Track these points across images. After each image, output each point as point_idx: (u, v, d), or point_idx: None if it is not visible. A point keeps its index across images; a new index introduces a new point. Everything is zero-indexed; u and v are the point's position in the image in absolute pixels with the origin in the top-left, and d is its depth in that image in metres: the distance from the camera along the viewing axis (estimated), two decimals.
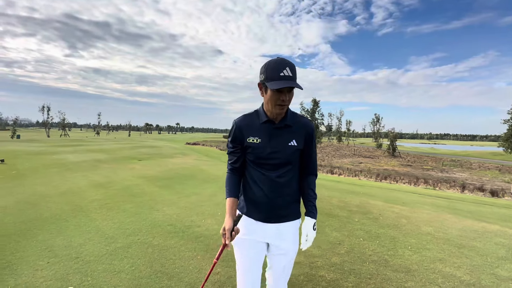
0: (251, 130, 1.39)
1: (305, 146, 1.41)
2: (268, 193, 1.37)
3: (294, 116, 1.39)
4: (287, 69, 1.22)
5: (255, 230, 1.40)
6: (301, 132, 1.39)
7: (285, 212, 1.40)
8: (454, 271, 2.62)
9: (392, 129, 40.90)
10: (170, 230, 3.50)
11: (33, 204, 4.49)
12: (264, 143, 1.36)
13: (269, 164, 1.37)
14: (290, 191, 1.40)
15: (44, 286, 2.20)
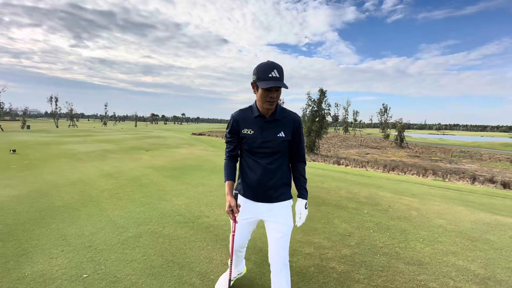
0: (246, 122, 1.63)
1: (293, 137, 1.64)
2: (260, 178, 1.62)
3: (282, 111, 1.63)
4: (275, 71, 1.44)
5: (250, 208, 1.69)
6: (289, 125, 1.61)
7: (276, 194, 1.65)
8: (468, 265, 2.58)
9: (400, 120, 40.22)
10: (179, 220, 3.53)
11: (45, 193, 4.57)
12: (256, 134, 1.60)
13: (261, 152, 1.61)
14: (280, 176, 1.64)
15: (59, 274, 2.25)
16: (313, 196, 4.95)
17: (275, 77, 1.43)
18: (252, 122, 1.61)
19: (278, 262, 1.62)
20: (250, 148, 1.63)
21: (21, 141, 14.16)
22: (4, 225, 3.19)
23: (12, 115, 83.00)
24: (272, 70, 1.43)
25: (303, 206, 1.65)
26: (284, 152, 1.64)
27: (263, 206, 1.66)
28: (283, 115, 1.61)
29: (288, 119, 1.61)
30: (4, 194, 4.44)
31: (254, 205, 1.68)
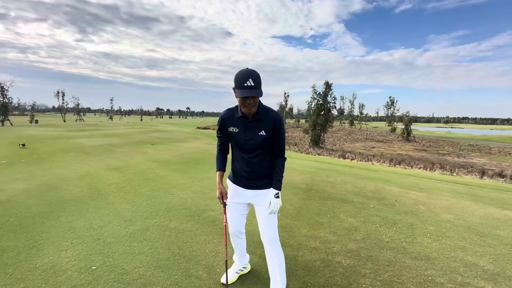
0: (232, 121, 1.80)
1: (273, 134, 1.77)
2: (245, 169, 1.84)
3: (264, 111, 1.74)
4: (250, 80, 1.52)
5: (238, 194, 1.92)
6: (269, 124, 1.74)
7: (259, 183, 1.85)
8: (477, 260, 2.55)
9: (407, 113, 39.58)
10: (185, 213, 3.56)
11: (54, 187, 4.66)
12: (240, 132, 1.78)
13: (244, 148, 1.80)
14: (262, 168, 1.83)
15: (69, 266, 2.30)
16: (318, 190, 4.94)
17: (250, 86, 1.52)
18: (237, 121, 1.77)
19: (266, 239, 1.84)
20: (236, 143, 1.84)
21: (30, 135, 14.41)
22: (15, 218, 3.27)
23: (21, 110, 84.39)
24: (247, 79, 1.52)
25: (273, 195, 1.78)
26: (265, 148, 1.80)
27: (249, 192, 1.89)
28: (264, 115, 1.73)
29: (268, 118, 1.74)
30: (15, 187, 4.54)
31: (242, 191, 1.91)
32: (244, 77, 1.53)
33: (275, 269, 1.81)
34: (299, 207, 3.96)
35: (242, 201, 1.93)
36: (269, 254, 1.83)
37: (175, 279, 2.16)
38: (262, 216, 1.84)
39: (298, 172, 6.58)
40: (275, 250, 1.82)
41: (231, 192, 1.96)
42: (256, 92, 1.54)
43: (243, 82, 1.52)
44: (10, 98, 30.35)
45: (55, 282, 2.07)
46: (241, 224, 2.02)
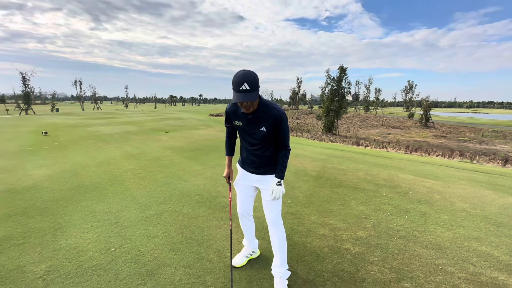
0: (236, 115, 1.89)
1: (274, 130, 1.81)
2: (249, 158, 1.99)
3: (265, 107, 1.76)
4: (245, 84, 1.56)
5: (246, 177, 2.06)
6: (269, 120, 1.77)
7: (263, 170, 1.96)
8: (491, 250, 2.49)
9: (427, 97, 37.80)
10: (198, 199, 3.67)
11: (75, 172, 4.91)
12: (244, 126, 1.87)
13: (248, 141, 1.93)
14: (264, 158, 1.93)
15: (90, 247, 2.46)
16: (330, 178, 4.91)
17: (245, 90, 1.57)
18: (240, 116, 1.86)
19: (269, 221, 1.99)
20: (241, 135, 1.98)
21: (52, 123, 15.07)
22: (41, 202, 3.50)
23: (42, 99, 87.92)
24: (243, 83, 1.56)
25: (275, 183, 1.87)
26: (267, 142, 1.87)
27: (255, 176, 2.01)
28: (264, 111, 1.77)
29: (269, 115, 1.76)
30: (39, 173, 4.82)
31: (249, 175, 2.04)
32: (240, 81, 1.56)
33: (275, 247, 1.98)
34: (309, 194, 3.97)
35: (249, 183, 2.06)
36: (271, 234, 1.99)
37: (187, 261, 2.27)
38: (266, 200, 1.97)
39: (310, 160, 6.55)
40: (277, 230, 1.96)
41: (239, 175, 2.10)
42: (250, 96, 1.58)
43: (239, 86, 1.57)
44: (31, 88, 31.59)
45: (77, 262, 2.24)
46: (249, 205, 2.13)
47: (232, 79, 1.62)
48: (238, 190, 2.12)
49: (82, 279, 2.03)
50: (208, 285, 1.99)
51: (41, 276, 2.05)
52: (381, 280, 2.05)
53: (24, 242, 2.53)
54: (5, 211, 3.19)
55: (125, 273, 2.10)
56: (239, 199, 2.13)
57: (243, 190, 2.10)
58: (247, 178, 2.06)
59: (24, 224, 2.87)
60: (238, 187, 2.12)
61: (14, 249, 2.41)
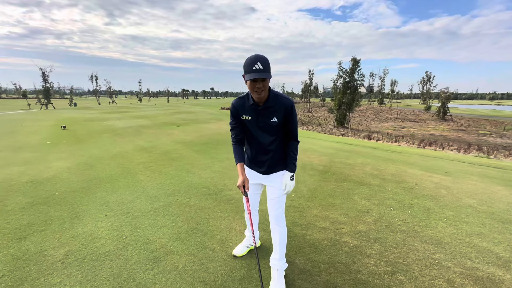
0: (244, 110, 1.84)
1: (285, 120, 1.82)
2: (258, 155, 1.93)
3: (275, 97, 1.77)
4: (259, 64, 1.56)
5: (252, 175, 2.03)
6: (281, 110, 1.78)
7: (272, 167, 1.94)
8: (492, 247, 2.48)
9: (446, 89, 36.23)
10: (205, 192, 3.82)
11: (91, 165, 5.19)
12: (253, 120, 1.83)
13: (259, 135, 1.86)
14: (275, 153, 1.90)
15: (104, 234, 2.66)
16: (335, 172, 4.94)
17: (258, 69, 1.56)
18: (248, 109, 1.82)
19: (272, 217, 2.00)
20: (250, 131, 1.90)
21: (70, 118, 15.73)
22: (60, 192, 3.76)
23: (61, 93, 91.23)
24: (255, 63, 1.56)
25: (289, 177, 1.86)
26: (278, 134, 1.86)
27: (263, 176, 1.99)
28: (275, 102, 1.76)
29: (280, 105, 1.77)
30: (59, 165, 5.13)
31: (255, 173, 2.02)
32: (253, 61, 1.57)
33: (276, 242, 2.01)
34: (314, 188, 4.03)
35: (255, 181, 2.04)
36: (273, 229, 2.02)
37: (192, 250, 2.42)
38: (272, 197, 1.97)
39: (317, 154, 6.56)
40: (279, 226, 1.99)
41: (247, 174, 2.05)
42: (264, 74, 1.57)
43: (252, 65, 1.57)
44: (51, 83, 32.86)
45: (92, 247, 2.43)
46: (255, 203, 2.18)
47: (243, 64, 1.62)
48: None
49: (96, 263, 2.22)
50: (210, 272, 2.12)
51: (60, 259, 2.26)
52: (376, 272, 2.11)
53: (45, 229, 2.76)
54: (29, 200, 3.47)
55: (134, 259, 2.28)
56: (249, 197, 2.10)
57: (250, 189, 2.06)
58: (253, 176, 2.03)
59: (45, 213, 3.12)
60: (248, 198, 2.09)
61: (36, 235, 2.64)
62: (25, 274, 2.08)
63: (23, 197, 3.59)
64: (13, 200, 3.49)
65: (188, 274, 2.09)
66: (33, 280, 2.01)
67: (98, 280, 2.02)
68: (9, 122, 13.02)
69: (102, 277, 2.05)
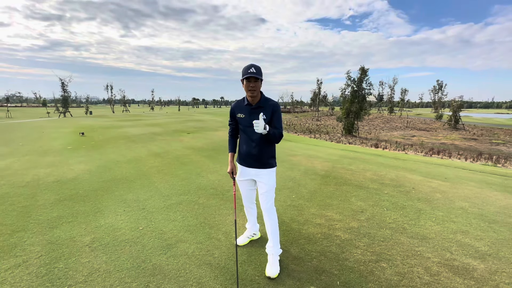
0: (239, 109, 2.26)
1: (271, 117, 2.18)
2: (250, 149, 2.25)
3: (265, 100, 2.20)
4: (252, 68, 2.03)
5: (244, 172, 2.35)
6: (269, 110, 2.17)
7: (261, 162, 2.25)
8: (474, 242, 2.69)
9: (459, 97, 35.66)
10: (212, 192, 4.16)
11: (109, 168, 5.64)
12: (246, 118, 2.20)
13: (250, 131, 2.18)
14: (265, 149, 2.23)
15: (123, 226, 3.02)
16: (336, 176, 5.19)
17: (252, 72, 2.02)
18: (243, 109, 2.22)
19: (263, 209, 2.31)
20: (243, 127, 2.25)
21: (87, 125, 16.58)
22: (83, 191, 4.19)
23: (78, 102, 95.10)
24: (250, 68, 2.03)
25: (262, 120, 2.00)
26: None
27: (252, 171, 2.30)
28: (265, 103, 2.18)
29: (268, 105, 2.17)
30: (80, 168, 5.61)
31: (246, 170, 2.33)
32: (248, 67, 2.05)
33: (269, 231, 2.31)
34: (314, 190, 4.31)
35: (247, 178, 2.36)
36: (265, 220, 2.33)
37: (200, 239, 2.74)
38: (262, 191, 2.30)
39: (321, 160, 6.82)
40: (270, 218, 2.30)
41: (239, 172, 2.39)
42: (256, 74, 2.03)
43: (247, 69, 2.04)
44: (69, 92, 34.60)
45: (114, 236, 2.80)
46: (250, 197, 2.51)
47: (242, 71, 2.09)
48: (240, 186, 2.44)
49: (118, 248, 2.57)
50: (215, 257, 2.44)
51: (87, 244, 2.63)
52: (361, 260, 2.37)
53: (72, 220, 3.16)
54: (56, 197, 3.90)
55: (150, 245, 2.62)
56: (242, 193, 2.47)
57: (244, 185, 2.41)
58: (245, 173, 2.34)
59: (71, 207, 3.53)
60: (240, 184, 2.43)
61: (66, 225, 3.03)
62: (59, 254, 2.45)
63: (51, 194, 4.03)
64: (42, 196, 3.93)
65: (197, 258, 2.41)
66: (66, 260, 2.38)
67: (120, 260, 2.37)
68: (31, 129, 13.89)
69: (123, 258, 2.40)
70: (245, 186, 2.42)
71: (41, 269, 2.24)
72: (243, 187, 2.44)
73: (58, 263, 2.32)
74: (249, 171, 2.32)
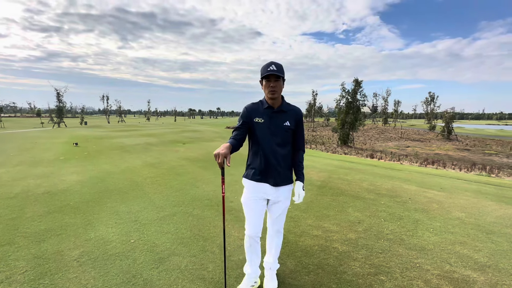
0: (257, 112, 1.90)
1: (296, 126, 1.93)
2: (268, 162, 1.89)
3: (288, 105, 1.94)
4: (273, 66, 1.77)
5: (257, 189, 1.93)
6: (293, 116, 1.91)
7: (281, 178, 1.92)
8: (472, 254, 2.65)
9: (451, 109, 36.41)
10: (207, 203, 4.08)
11: (102, 179, 5.52)
12: (265, 123, 1.88)
13: (270, 139, 1.87)
14: (285, 161, 1.93)
15: (114, 238, 2.92)
16: (332, 187, 5.15)
17: (272, 70, 1.77)
18: (262, 113, 1.88)
19: (273, 231, 2.08)
20: (261, 134, 1.87)
21: (81, 135, 16.39)
22: (74, 202, 4.07)
23: (73, 112, 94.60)
24: (270, 66, 1.78)
25: (301, 188, 1.94)
26: (288, 141, 1.92)
27: (269, 188, 1.92)
28: (288, 108, 1.91)
29: (292, 111, 1.91)
30: (72, 179, 5.49)
31: (262, 186, 1.92)
32: (268, 64, 1.80)
33: (272, 248, 2.12)
34: (310, 201, 4.25)
35: (260, 197, 1.93)
36: (271, 238, 2.12)
37: (194, 252, 2.65)
38: (276, 212, 1.99)
39: (317, 170, 6.80)
40: (277, 238, 2.11)
41: (250, 189, 1.95)
42: (277, 72, 1.76)
43: (267, 68, 1.78)
44: (64, 102, 34.39)
45: (104, 249, 2.69)
46: (259, 224, 1.97)
47: (260, 69, 1.83)
48: (250, 208, 1.94)
49: (107, 262, 2.47)
50: (209, 270, 2.35)
51: (76, 259, 2.52)
52: (360, 273, 2.31)
53: (61, 233, 3.04)
54: (45, 209, 3.77)
55: (141, 259, 2.52)
56: (251, 218, 1.94)
57: (256, 206, 1.93)
58: (261, 189, 1.91)
59: (61, 219, 3.41)
60: (249, 204, 1.94)
61: (54, 238, 2.92)
62: (45, 270, 2.34)
63: (40, 206, 3.91)
64: (31, 208, 3.81)
65: (190, 272, 2.32)
66: (52, 275, 2.27)
67: (109, 275, 2.27)
68: (24, 139, 13.67)
69: (112, 273, 2.30)
70: (257, 207, 1.94)
71: (25, 285, 2.13)
72: (255, 209, 1.94)
73: (44, 279, 2.21)
74: (266, 189, 1.93)
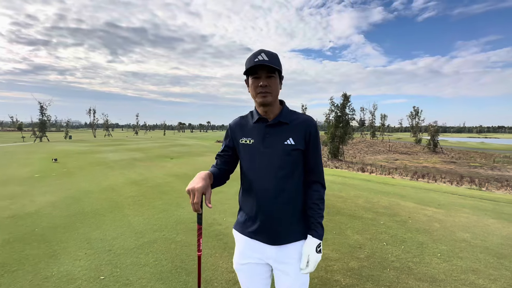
0: (244, 130, 1.27)
1: (306, 146, 1.20)
2: (263, 206, 1.18)
3: (291, 113, 1.25)
4: (262, 55, 1.13)
5: (255, 249, 1.23)
6: (299, 130, 1.19)
7: (285, 231, 1.19)
8: (489, 284, 2.38)
9: (434, 122, 37.61)
10: (193, 227, 3.68)
11: (78, 199, 5.03)
12: (257, 143, 1.21)
13: (263, 168, 1.18)
14: (290, 202, 1.18)
15: (80, 275, 2.49)
16: (327, 205, 4.86)
17: (261, 60, 1.12)
18: (251, 129, 1.25)
19: None
20: (250, 164, 1.23)
21: (63, 150, 15.60)
22: (40, 228, 3.58)
23: (57, 126, 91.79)
24: (258, 55, 1.13)
25: (314, 248, 1.15)
26: (295, 168, 1.19)
27: (268, 248, 1.21)
28: (291, 118, 1.22)
29: (298, 121, 1.21)
30: (43, 200, 4.96)
31: (258, 245, 1.22)
32: (255, 54, 1.14)
33: None
34: None
35: (258, 261, 1.25)
36: None
37: None
38: (283, 285, 1.20)
39: None
40: None
41: (242, 250, 1.27)
42: (270, 63, 1.12)
43: (254, 58, 1.13)
44: (48, 116, 33.22)
45: None
46: None
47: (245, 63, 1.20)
48: (245, 275, 1.27)
49: None
50: None
51: None
52: None
53: (17, 269, 2.58)
54: (5, 237, 3.28)
55: None
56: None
57: (254, 274, 1.26)
58: (257, 249, 1.23)
59: (20, 251, 2.94)
60: (243, 271, 1.27)
61: (7, 276, 2.45)
62: None
63: (0, 233, 3.41)
64: None
65: None
66: None
67: None
68: (0, 155, 12.82)
69: None
70: (256, 275, 1.26)
71: None
72: (252, 278, 1.26)
73: None
74: (264, 250, 1.22)
